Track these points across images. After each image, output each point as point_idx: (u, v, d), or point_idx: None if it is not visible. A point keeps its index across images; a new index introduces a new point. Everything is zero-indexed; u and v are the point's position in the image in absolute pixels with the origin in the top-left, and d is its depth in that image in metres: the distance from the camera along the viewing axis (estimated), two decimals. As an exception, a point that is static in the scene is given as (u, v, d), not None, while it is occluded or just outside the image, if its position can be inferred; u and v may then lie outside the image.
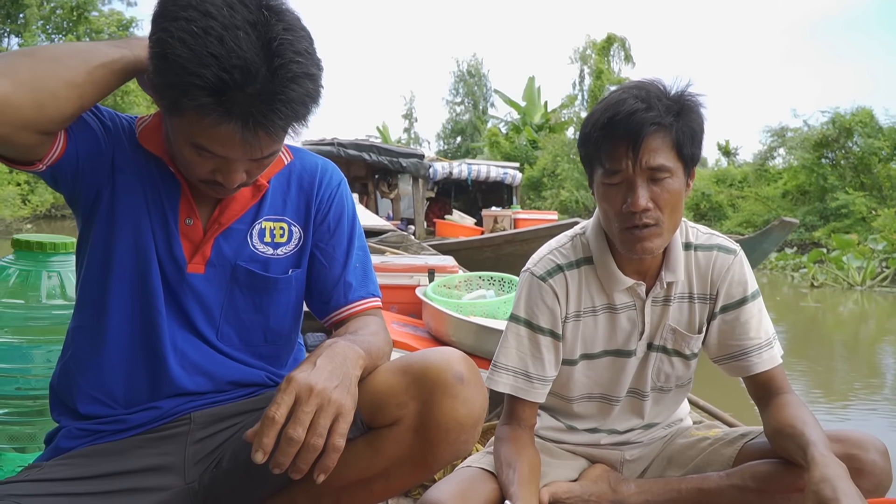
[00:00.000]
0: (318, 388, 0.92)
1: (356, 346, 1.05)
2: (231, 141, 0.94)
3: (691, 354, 1.40)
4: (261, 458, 0.89)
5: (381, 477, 1.08)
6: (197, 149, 0.98)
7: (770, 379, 1.35)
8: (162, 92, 0.93)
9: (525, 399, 1.37)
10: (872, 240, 11.51)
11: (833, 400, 4.16)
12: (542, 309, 1.36)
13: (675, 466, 1.41)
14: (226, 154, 0.98)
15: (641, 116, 1.17)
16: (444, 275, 3.30)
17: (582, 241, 1.40)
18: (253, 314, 1.19)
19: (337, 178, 1.27)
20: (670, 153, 1.21)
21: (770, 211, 16.50)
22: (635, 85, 1.24)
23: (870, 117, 15.64)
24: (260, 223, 1.18)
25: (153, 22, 0.92)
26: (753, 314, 1.36)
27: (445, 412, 1.02)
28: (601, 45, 24.07)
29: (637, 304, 1.37)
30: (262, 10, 0.91)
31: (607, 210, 1.26)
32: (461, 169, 11.66)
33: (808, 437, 1.14)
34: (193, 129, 0.95)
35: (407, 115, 38.83)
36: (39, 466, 1.09)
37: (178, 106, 0.92)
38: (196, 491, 1.13)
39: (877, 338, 6.60)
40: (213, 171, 1.02)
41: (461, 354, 1.09)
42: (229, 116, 0.91)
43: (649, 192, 1.21)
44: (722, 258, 1.36)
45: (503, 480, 1.25)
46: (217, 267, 1.15)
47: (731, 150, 22.19)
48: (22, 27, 26.63)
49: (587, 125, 1.26)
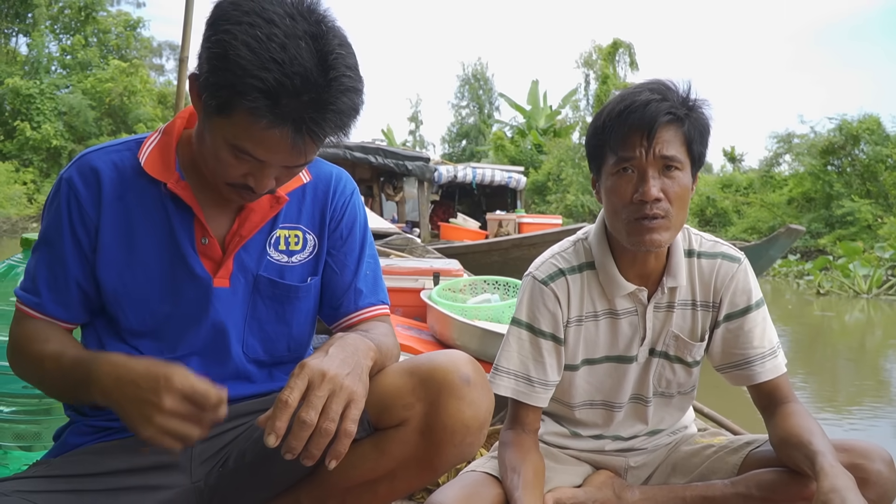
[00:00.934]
0: (331, 374, 0.94)
1: (367, 339, 1.07)
2: (278, 146, 0.97)
3: (693, 362, 1.40)
4: (273, 442, 0.90)
5: (386, 478, 1.09)
6: (237, 151, 0.99)
7: (775, 388, 1.34)
8: (215, 91, 0.95)
9: (527, 403, 1.37)
10: (880, 248, 11.47)
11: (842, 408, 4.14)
12: (544, 313, 1.36)
13: (679, 474, 1.40)
14: (267, 158, 0.99)
15: (657, 106, 1.20)
16: (448, 278, 3.29)
17: (584, 246, 1.40)
18: (276, 324, 1.20)
19: (350, 187, 1.29)
20: (681, 147, 1.23)
21: (775, 217, 16.47)
22: (648, 81, 1.27)
23: (877, 125, 15.63)
24: (276, 233, 1.19)
25: (211, 25, 0.95)
26: (758, 323, 1.36)
27: (451, 414, 1.03)
28: (607, 50, 24.10)
29: (639, 309, 1.37)
30: (321, 24, 0.95)
31: (616, 203, 1.26)
32: (466, 172, 11.65)
33: (815, 446, 1.14)
34: (240, 131, 0.96)
35: (413, 117, 38.90)
36: (48, 463, 1.10)
37: (230, 106, 0.94)
38: (202, 490, 1.14)
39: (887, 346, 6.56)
40: (246, 175, 1.03)
41: (468, 357, 1.09)
42: (282, 121, 0.94)
43: (660, 184, 1.22)
44: (726, 266, 1.36)
45: (507, 485, 1.25)
46: (241, 280, 1.16)
47: (736, 156, 22.17)
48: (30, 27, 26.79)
49: (600, 116, 1.27)
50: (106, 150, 1.14)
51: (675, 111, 1.21)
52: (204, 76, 0.96)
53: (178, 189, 1.10)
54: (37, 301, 1.12)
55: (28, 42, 26.24)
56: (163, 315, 1.13)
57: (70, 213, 1.10)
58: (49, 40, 26.88)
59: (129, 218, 1.11)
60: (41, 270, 1.12)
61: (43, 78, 24.92)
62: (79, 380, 1.03)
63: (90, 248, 1.11)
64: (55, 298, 1.12)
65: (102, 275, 1.11)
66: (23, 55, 26.41)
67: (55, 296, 1.12)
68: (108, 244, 1.11)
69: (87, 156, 1.13)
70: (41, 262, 1.13)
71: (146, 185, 1.12)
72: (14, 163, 23.17)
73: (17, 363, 1.14)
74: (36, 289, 1.12)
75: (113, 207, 1.11)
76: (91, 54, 26.52)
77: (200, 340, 1.15)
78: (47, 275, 1.12)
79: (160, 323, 1.13)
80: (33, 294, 1.12)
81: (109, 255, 1.11)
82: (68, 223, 1.10)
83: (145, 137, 1.15)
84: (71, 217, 1.10)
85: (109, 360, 1.01)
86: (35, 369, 1.12)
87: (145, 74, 26.18)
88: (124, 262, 1.11)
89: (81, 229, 1.10)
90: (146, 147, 1.13)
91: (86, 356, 1.06)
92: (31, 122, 23.44)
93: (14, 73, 24.56)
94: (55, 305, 1.12)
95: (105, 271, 1.11)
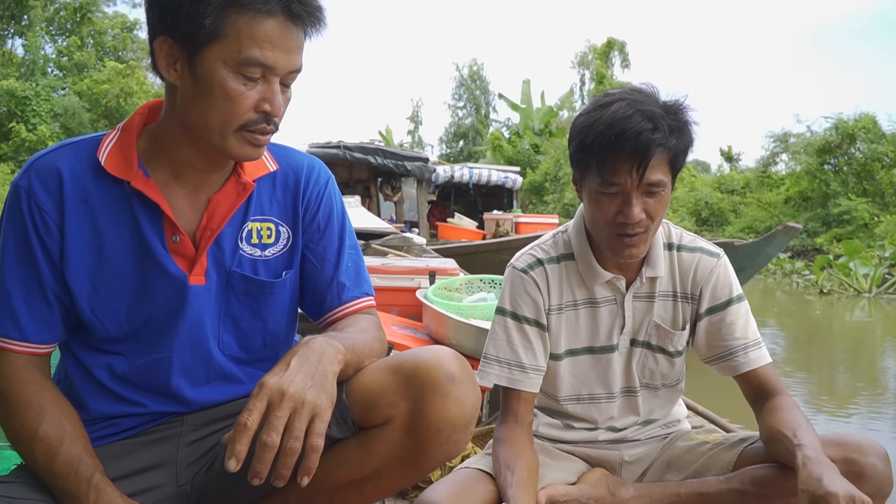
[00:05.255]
0: (291, 392, 0.92)
1: (335, 341, 1.04)
2: (279, 38, 1.00)
3: (675, 352, 1.43)
4: (234, 466, 0.89)
5: (372, 478, 1.08)
6: (244, 68, 0.99)
7: (763, 381, 1.37)
8: (200, 21, 0.96)
9: (520, 390, 1.38)
10: (880, 246, 11.47)
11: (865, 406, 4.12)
12: (526, 300, 1.39)
13: (674, 470, 1.40)
14: (274, 59, 1.00)
15: (649, 137, 1.21)
16: (444, 277, 3.29)
17: (563, 238, 1.44)
18: (251, 320, 1.18)
19: (325, 177, 1.25)
20: (667, 168, 1.26)
21: (772, 217, 16.48)
22: (636, 97, 1.26)
23: (873, 123, 15.64)
24: (247, 226, 1.15)
25: None
26: (740, 315, 1.39)
27: (436, 412, 1.01)
28: (602, 49, 24.11)
29: (617, 298, 1.41)
30: None
31: (598, 216, 1.30)
32: (463, 173, 11.67)
33: (798, 440, 1.16)
34: (241, 39, 0.98)
35: (413, 117, 38.89)
36: None
37: (222, 20, 0.97)
38: (188, 493, 1.13)
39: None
40: (259, 102, 1.02)
41: (453, 353, 1.08)
42: (273, 7, 0.98)
43: (643, 204, 1.25)
44: (705, 260, 1.40)
45: (501, 482, 1.24)
46: (214, 276, 1.13)
47: (733, 155, 22.19)
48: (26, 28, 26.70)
49: (588, 133, 1.26)
50: (62, 150, 1.08)
51: (665, 142, 1.22)
52: (177, 22, 0.98)
53: (143, 186, 1.05)
54: (15, 327, 1.04)
55: (24, 44, 26.17)
56: (140, 319, 1.10)
57: (35, 223, 1.04)
58: (45, 42, 26.82)
59: (94, 221, 1.06)
60: (15, 291, 1.04)
61: (39, 80, 24.87)
62: (69, 491, 1.00)
63: (59, 257, 1.06)
64: (35, 318, 1.05)
65: (74, 283, 1.06)
66: (19, 57, 26.33)
67: (35, 315, 1.05)
68: (76, 250, 1.06)
69: (41, 159, 1.06)
70: (13, 283, 1.04)
71: (108, 185, 1.06)
72: (10, 164, 23.10)
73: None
74: (12, 315, 1.04)
75: (77, 211, 1.05)
76: (87, 56, 26.44)
77: (179, 341, 1.12)
78: (23, 294, 1.04)
79: (138, 327, 1.10)
80: (10, 320, 1.04)
81: (79, 262, 1.06)
82: (35, 234, 1.04)
83: (103, 136, 1.09)
84: (36, 227, 1.04)
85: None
86: (18, 440, 1.03)
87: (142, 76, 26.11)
88: (95, 268, 1.07)
89: (48, 238, 1.04)
90: (105, 145, 1.07)
91: (85, 474, 1.01)
92: (27, 124, 23.37)
93: (10, 75, 24.49)
94: (37, 327, 1.05)
95: (76, 279, 1.06)
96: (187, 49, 1.00)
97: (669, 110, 1.25)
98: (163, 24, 1.00)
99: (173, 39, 1.00)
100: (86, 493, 1.00)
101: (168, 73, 1.02)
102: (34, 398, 1.04)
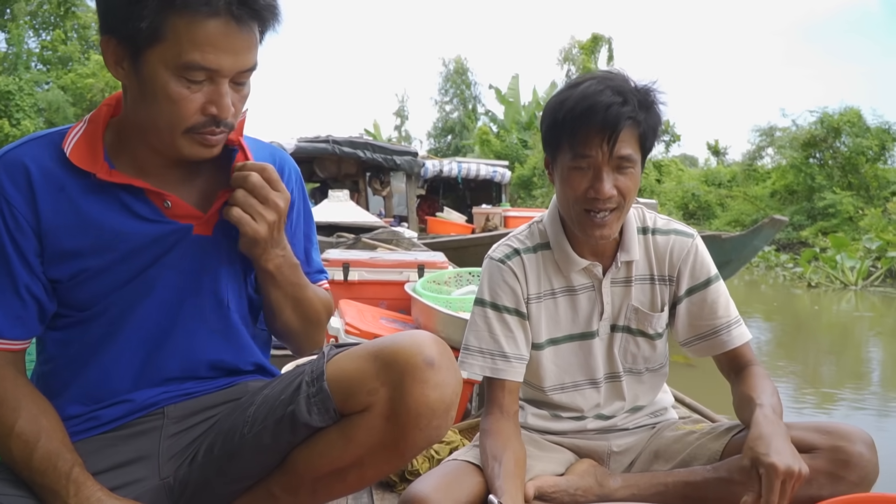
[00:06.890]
0: None
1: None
2: (222, 41, 0.96)
3: (655, 334, 1.44)
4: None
5: (354, 466, 1.07)
6: (186, 72, 0.97)
7: (739, 354, 1.41)
8: (138, 23, 0.94)
9: (503, 379, 1.38)
10: (867, 239, 11.56)
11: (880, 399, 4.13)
12: (505, 289, 1.40)
13: (662, 460, 1.41)
14: (217, 63, 0.97)
15: (618, 110, 1.23)
16: (433, 271, 3.28)
17: (539, 228, 1.45)
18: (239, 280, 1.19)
19: (288, 168, 1.24)
20: (636, 145, 1.28)
21: (758, 210, 16.59)
22: (606, 76, 1.30)
23: (858, 117, 15.76)
24: None
25: None
26: (720, 293, 1.42)
27: (416, 398, 1.01)
28: (587, 44, 24.13)
29: (595, 284, 1.42)
30: None
31: (569, 194, 1.31)
32: (451, 167, 11.66)
33: (759, 400, 1.22)
34: (182, 44, 0.95)
35: (399, 112, 38.75)
36: None
37: (161, 21, 0.94)
38: (171, 486, 1.11)
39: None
40: (204, 106, 1.00)
41: (432, 337, 1.07)
42: (215, 9, 0.94)
43: (613, 180, 1.26)
44: (680, 241, 1.42)
45: (489, 474, 1.24)
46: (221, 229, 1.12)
47: (720, 149, 22.31)
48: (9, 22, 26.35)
49: (559, 110, 1.28)
50: (28, 144, 1.06)
51: (635, 115, 1.24)
52: (117, 23, 0.96)
53: (108, 178, 1.04)
54: None
55: (7, 38, 25.84)
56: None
57: (4, 220, 1.02)
58: (28, 36, 26.50)
59: (75, 205, 1.04)
60: None
61: (22, 74, 24.57)
62: (48, 487, 0.99)
63: (35, 252, 1.03)
64: (8, 314, 1.03)
65: (61, 272, 1.04)
66: (2, 51, 26.00)
67: (7, 311, 1.03)
68: (59, 239, 1.04)
69: (7, 154, 1.04)
70: None
71: (81, 173, 1.04)
72: (-7, 160, 22.85)
73: None
74: None
75: (54, 198, 1.03)
76: (71, 49, 26.18)
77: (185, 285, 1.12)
78: None
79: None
80: None
81: (64, 247, 1.04)
82: (5, 230, 1.02)
83: (69, 129, 1.07)
84: (5, 222, 1.02)
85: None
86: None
87: (127, 70, 25.89)
88: (89, 248, 1.05)
89: (19, 235, 1.02)
90: (71, 137, 1.05)
91: (64, 469, 1.00)
92: (11, 118, 23.09)
93: (-8, 70, 24.22)
94: (10, 323, 1.03)
95: (62, 268, 1.04)
96: (130, 50, 0.98)
97: (640, 89, 1.28)
98: (105, 23, 0.98)
99: (117, 39, 0.98)
100: (65, 487, 0.99)
101: (116, 71, 1.01)
102: (9, 394, 1.02)
